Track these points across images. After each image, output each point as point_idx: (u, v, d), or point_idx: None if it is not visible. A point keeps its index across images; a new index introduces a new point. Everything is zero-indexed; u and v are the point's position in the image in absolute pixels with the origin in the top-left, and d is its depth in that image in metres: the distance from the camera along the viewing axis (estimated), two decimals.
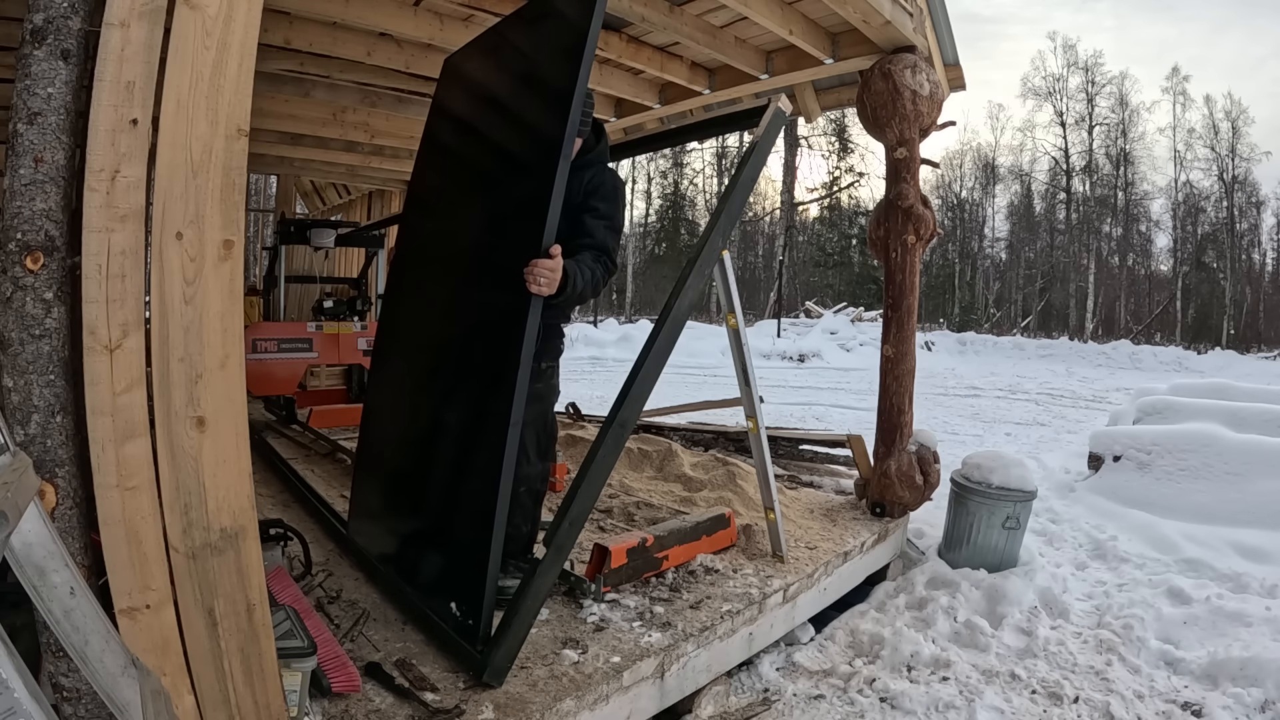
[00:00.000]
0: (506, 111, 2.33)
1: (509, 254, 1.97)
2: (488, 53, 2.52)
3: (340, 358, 5.29)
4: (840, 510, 3.43)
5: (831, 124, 29.19)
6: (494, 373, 1.96)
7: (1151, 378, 12.32)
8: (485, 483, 1.89)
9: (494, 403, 1.93)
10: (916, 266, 3.47)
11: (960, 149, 31.36)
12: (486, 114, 2.46)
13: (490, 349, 2.03)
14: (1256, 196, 27.08)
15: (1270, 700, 2.28)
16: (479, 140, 2.46)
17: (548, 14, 2.18)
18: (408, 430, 2.47)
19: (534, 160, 2.02)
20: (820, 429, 6.35)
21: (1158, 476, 4.39)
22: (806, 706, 2.30)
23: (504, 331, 1.96)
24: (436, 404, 2.31)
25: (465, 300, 2.27)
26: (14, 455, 1.01)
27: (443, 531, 2.15)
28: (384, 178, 7.31)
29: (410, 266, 2.70)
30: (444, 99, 2.71)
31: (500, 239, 2.12)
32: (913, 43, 3.23)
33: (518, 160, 2.17)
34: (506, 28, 2.45)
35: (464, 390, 2.15)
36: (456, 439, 2.13)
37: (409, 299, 2.67)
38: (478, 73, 2.55)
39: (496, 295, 2.03)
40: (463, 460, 2.08)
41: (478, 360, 2.10)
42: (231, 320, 1.29)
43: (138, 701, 0.98)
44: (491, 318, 2.08)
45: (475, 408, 2.06)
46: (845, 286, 28.43)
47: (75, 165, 1.21)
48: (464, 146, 2.55)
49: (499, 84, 2.41)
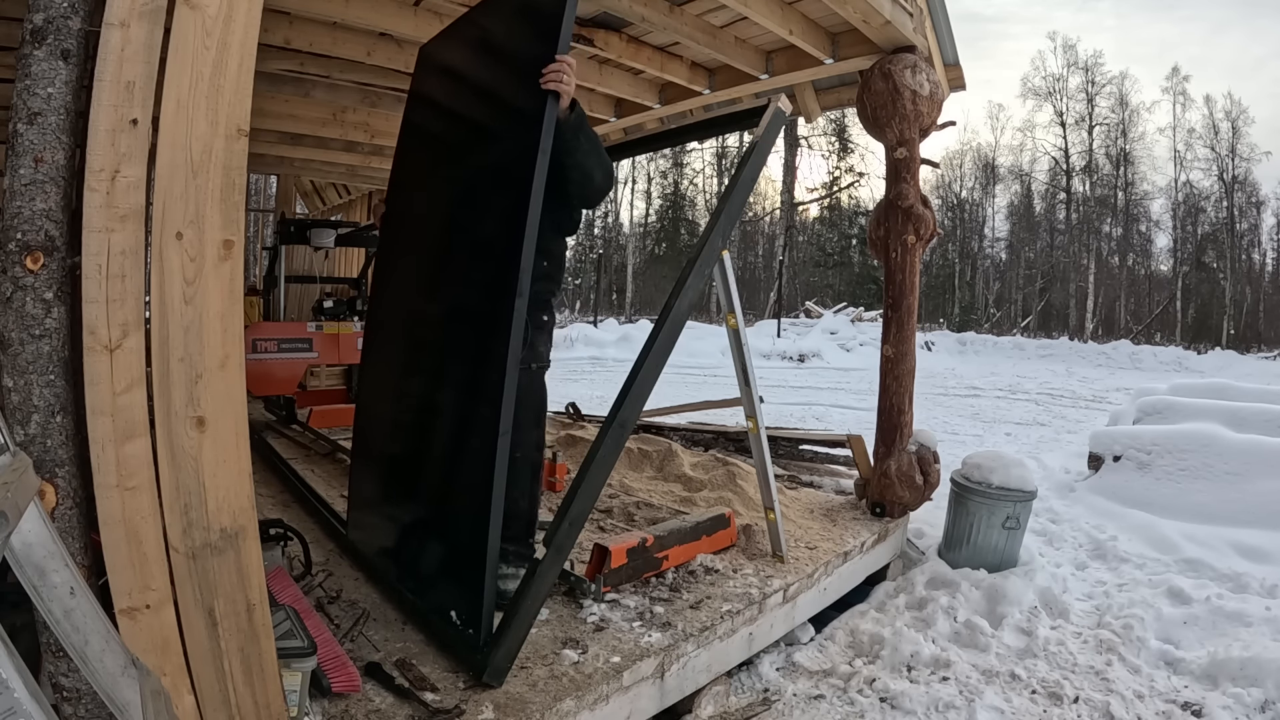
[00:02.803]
0: (485, 92, 2.33)
1: (493, 232, 1.97)
2: (464, 39, 2.50)
3: (340, 358, 5.29)
4: (840, 510, 3.43)
5: (831, 124, 29.22)
6: (479, 376, 1.95)
7: (1151, 378, 12.31)
8: (480, 480, 1.88)
9: (483, 396, 1.92)
10: (916, 266, 3.47)
11: (960, 149, 31.41)
12: (465, 97, 2.46)
13: (476, 340, 2.01)
14: (1256, 196, 27.11)
15: (1270, 700, 2.28)
16: (459, 122, 2.45)
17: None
18: (398, 428, 2.47)
19: (516, 133, 2.01)
20: (820, 429, 6.35)
21: (1158, 476, 4.39)
22: (806, 706, 2.30)
23: (489, 321, 1.95)
24: (424, 398, 2.30)
25: (449, 290, 2.26)
26: (14, 455, 1.01)
27: (440, 534, 2.15)
28: (384, 178, 7.25)
29: (393, 260, 2.69)
30: (421, 87, 2.70)
31: (484, 216, 2.11)
32: (913, 43, 3.23)
33: (500, 135, 2.16)
34: (480, 14, 2.44)
35: (453, 380, 2.14)
36: (447, 436, 2.13)
37: (393, 293, 2.65)
38: (455, 58, 2.54)
39: (481, 276, 2.03)
40: (455, 456, 2.08)
41: (465, 352, 2.09)
42: (231, 320, 1.29)
43: (138, 701, 0.98)
44: (476, 305, 2.06)
45: (465, 400, 2.05)
46: (845, 286, 28.44)
47: (75, 165, 1.21)
48: (444, 130, 2.54)
49: (477, 67, 2.40)
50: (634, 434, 4.33)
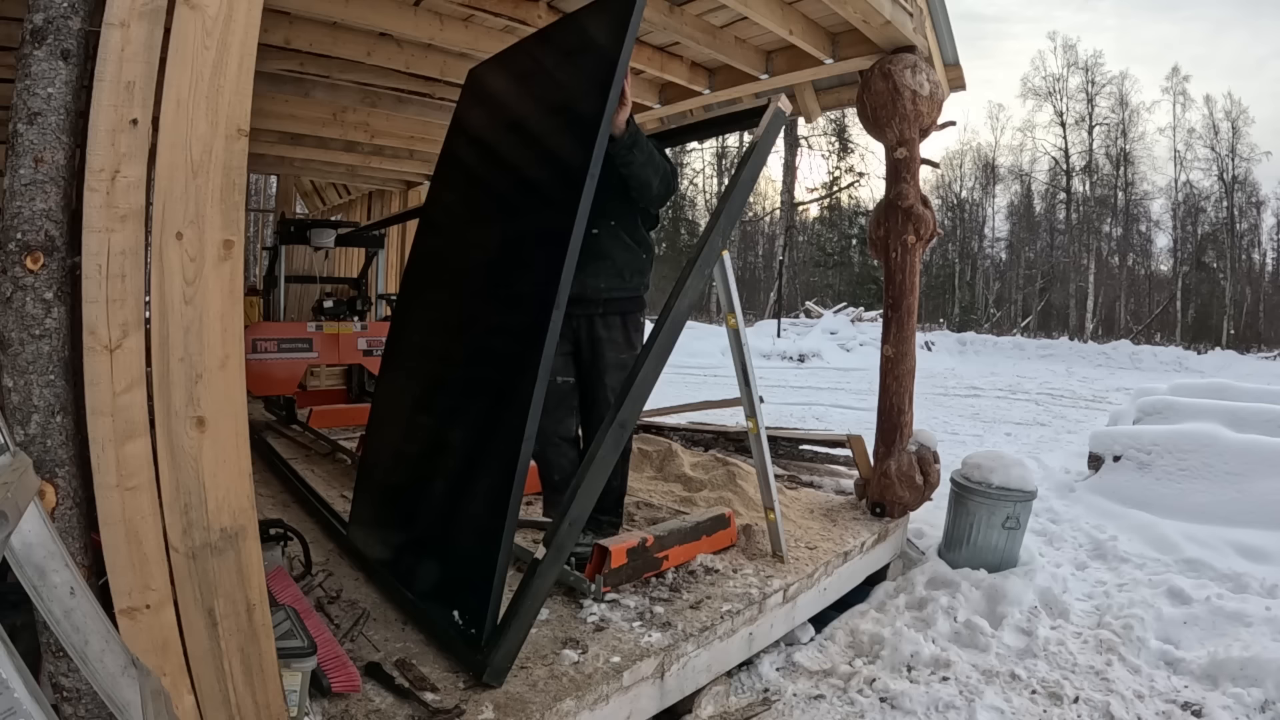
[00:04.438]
0: (542, 107, 2.40)
1: (529, 269, 2.05)
2: (515, 71, 2.59)
3: (340, 358, 5.29)
4: (840, 510, 3.43)
5: (831, 124, 29.19)
6: (511, 384, 1.99)
7: (1151, 378, 12.31)
8: (500, 484, 1.91)
9: (509, 412, 1.97)
10: (916, 266, 3.47)
11: (960, 149, 31.44)
12: (512, 134, 2.54)
13: (507, 363, 2.08)
14: (1256, 196, 27.13)
15: (1270, 700, 2.28)
16: (503, 158, 2.54)
17: (578, 37, 2.28)
18: (417, 436, 2.48)
19: (557, 188, 2.09)
20: (820, 429, 6.34)
21: (1158, 476, 4.39)
22: (806, 706, 2.30)
23: (520, 349, 2.00)
24: (449, 402, 2.33)
25: (481, 313, 2.31)
26: (14, 455, 1.01)
27: (452, 535, 2.15)
28: (384, 178, 7.31)
29: (426, 273, 2.74)
30: (467, 113, 2.77)
31: (521, 256, 2.19)
32: (913, 43, 3.23)
33: (541, 185, 2.24)
34: (535, 46, 2.53)
35: (479, 398, 2.18)
36: (470, 447, 2.15)
37: (423, 308, 2.70)
38: (504, 90, 2.64)
39: (515, 309, 2.10)
40: (475, 467, 2.09)
41: (494, 372, 2.14)
42: (231, 320, 1.29)
43: (138, 701, 0.98)
44: (508, 332, 2.13)
45: (492, 406, 2.08)
46: (845, 286, 28.42)
47: (75, 165, 1.21)
48: (488, 163, 2.62)
49: (525, 105, 2.50)
50: (634, 434, 4.33)
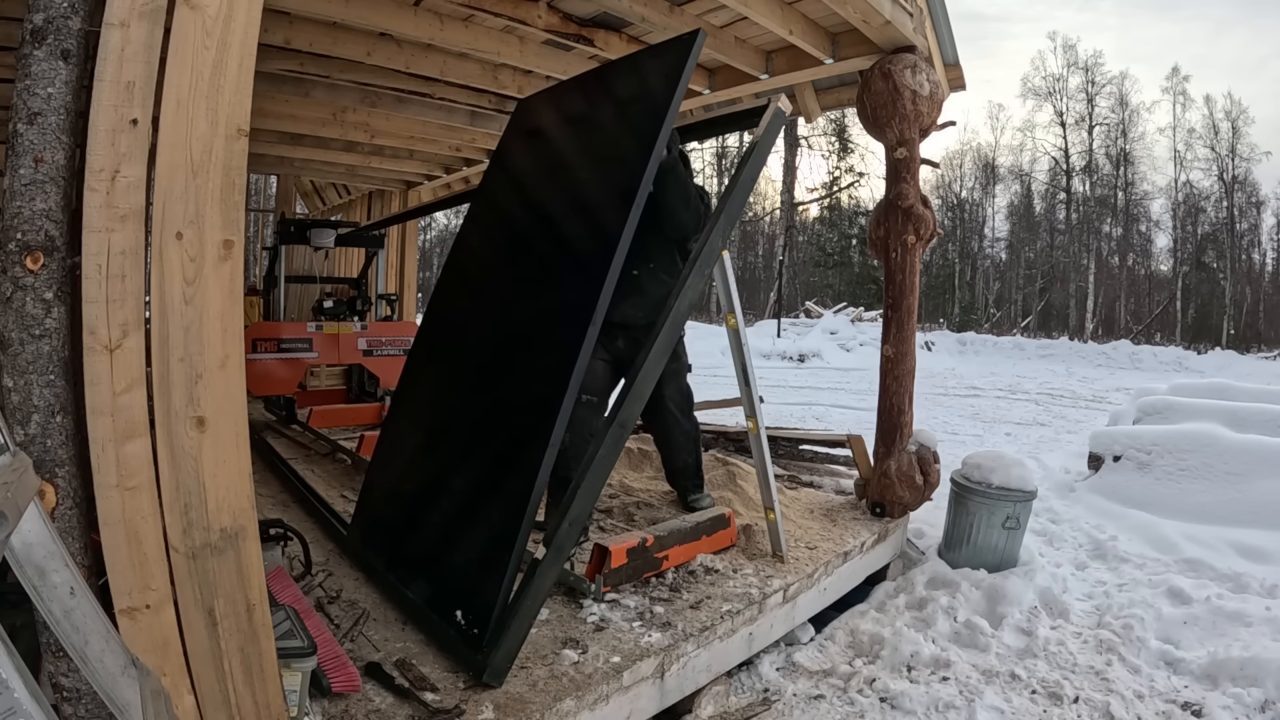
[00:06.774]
0: (594, 132, 2.52)
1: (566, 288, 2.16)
2: (566, 111, 2.72)
3: (340, 358, 5.28)
4: (840, 510, 3.43)
5: (831, 124, 29.18)
6: (540, 395, 2.05)
7: (1151, 378, 12.30)
8: (518, 494, 1.95)
9: (539, 412, 2.01)
10: (916, 266, 3.47)
11: (960, 149, 31.43)
12: (573, 136, 2.64)
13: (537, 375, 2.14)
14: (1256, 196, 27.12)
15: (1270, 700, 2.28)
16: (543, 201, 2.62)
17: (632, 84, 2.42)
18: (439, 432, 2.50)
19: (590, 246, 2.18)
20: (820, 429, 6.34)
21: (1158, 476, 4.39)
22: (806, 706, 2.30)
23: (552, 363, 2.06)
24: (477, 408, 2.37)
25: (521, 311, 2.36)
26: (14, 455, 1.01)
27: (464, 536, 2.14)
28: (384, 178, 7.31)
29: (464, 275, 2.83)
30: (513, 146, 2.87)
31: (560, 277, 2.29)
32: (913, 43, 3.23)
33: (584, 221, 2.32)
34: (589, 85, 2.66)
35: (505, 406, 2.21)
36: (490, 453, 2.17)
37: (459, 304, 2.77)
38: (552, 128, 2.74)
39: (550, 324, 2.18)
40: (495, 470, 2.12)
41: (522, 383, 2.20)
42: (231, 320, 1.29)
43: (138, 701, 0.98)
44: (540, 347, 2.19)
45: (516, 416, 2.14)
46: (845, 286, 28.40)
47: (75, 165, 1.21)
48: (547, 162, 2.72)
49: (571, 148, 2.60)
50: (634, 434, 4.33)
